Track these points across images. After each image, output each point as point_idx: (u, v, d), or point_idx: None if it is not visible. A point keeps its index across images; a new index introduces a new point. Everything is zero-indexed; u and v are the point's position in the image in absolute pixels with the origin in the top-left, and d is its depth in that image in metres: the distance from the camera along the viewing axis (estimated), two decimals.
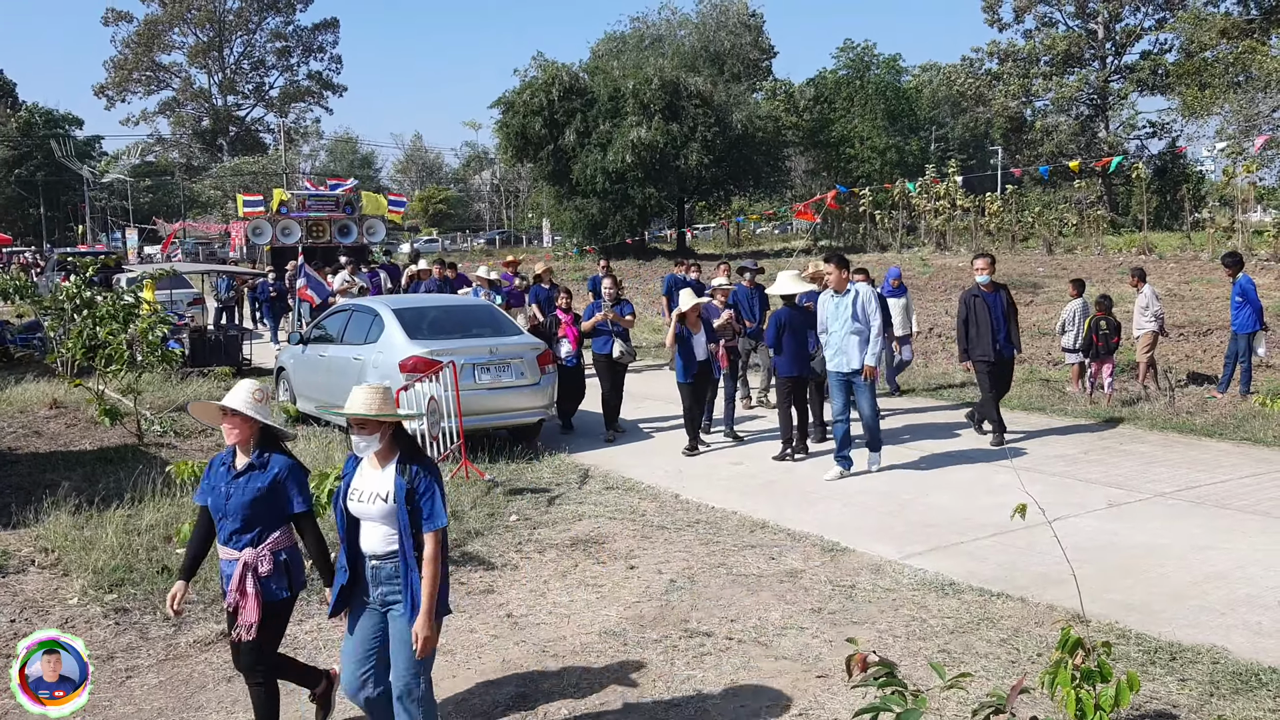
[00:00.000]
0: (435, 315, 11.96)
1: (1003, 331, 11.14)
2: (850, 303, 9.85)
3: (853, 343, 9.84)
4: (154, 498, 8.94)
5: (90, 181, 78.09)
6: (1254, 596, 6.60)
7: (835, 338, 9.98)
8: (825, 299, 10.11)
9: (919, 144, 62.97)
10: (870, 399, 10.00)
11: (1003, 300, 11.28)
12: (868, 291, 10.00)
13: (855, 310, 9.80)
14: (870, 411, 10.03)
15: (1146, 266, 21.25)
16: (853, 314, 9.79)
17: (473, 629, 6.33)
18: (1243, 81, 46.63)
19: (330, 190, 28.66)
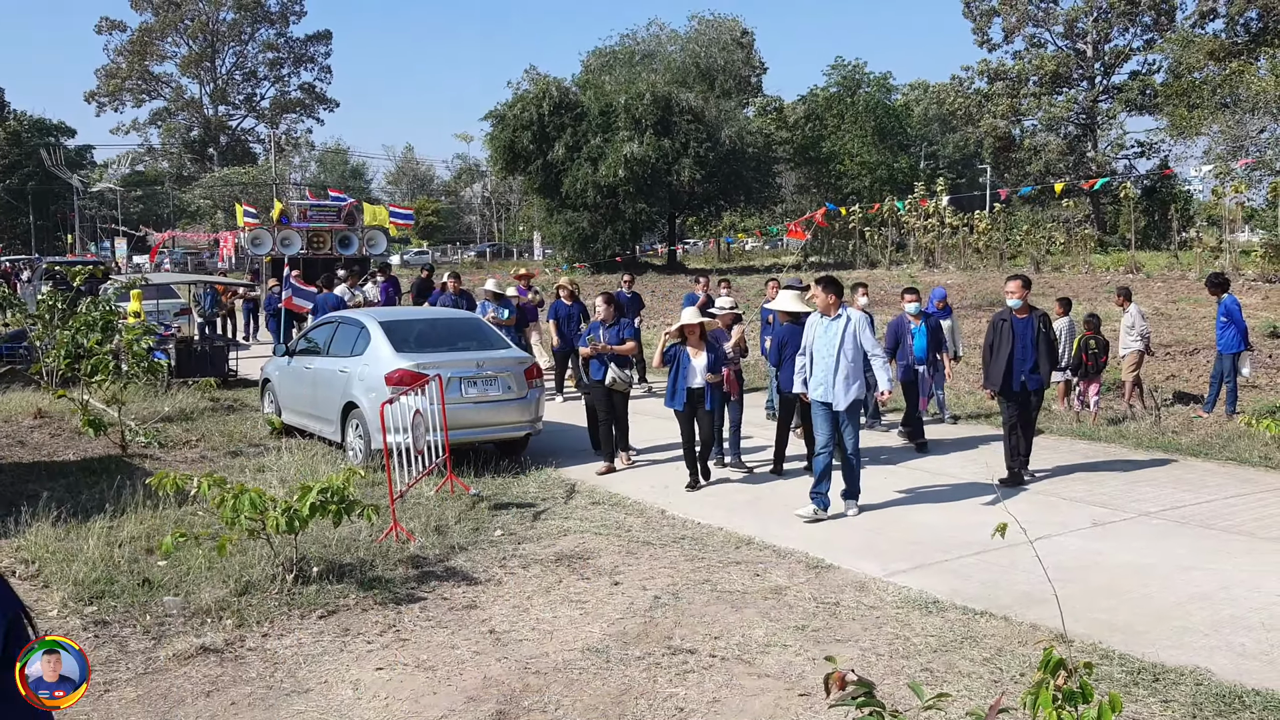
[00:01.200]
0: (422, 328, 11.94)
1: (1029, 360, 10.31)
2: (840, 330, 9.05)
3: (839, 375, 8.99)
4: (136, 509, 8.89)
5: (80, 190, 77.90)
6: (1238, 617, 6.60)
7: (819, 366, 9.18)
8: (813, 320, 9.46)
9: (909, 161, 63.27)
10: (854, 435, 9.22)
11: (1034, 327, 10.41)
12: (860, 319, 9.17)
13: (844, 338, 9.00)
14: (853, 447, 9.20)
15: (1134, 285, 21.37)
16: (840, 342, 9.00)
17: (454, 645, 6.29)
18: (1230, 103, 46.94)
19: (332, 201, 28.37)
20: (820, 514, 9.00)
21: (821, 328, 9.23)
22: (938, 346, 12.85)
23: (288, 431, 12.63)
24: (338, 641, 6.35)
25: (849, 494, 9.24)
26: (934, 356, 12.84)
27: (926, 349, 12.56)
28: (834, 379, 8.99)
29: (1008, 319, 10.56)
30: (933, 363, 12.84)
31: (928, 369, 12.73)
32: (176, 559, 7.47)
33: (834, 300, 9.20)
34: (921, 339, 12.49)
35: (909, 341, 12.41)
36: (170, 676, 5.87)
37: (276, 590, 7.09)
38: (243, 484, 7.26)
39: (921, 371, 12.57)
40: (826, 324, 9.19)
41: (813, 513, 9.01)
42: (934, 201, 43.88)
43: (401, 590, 7.20)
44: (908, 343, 12.39)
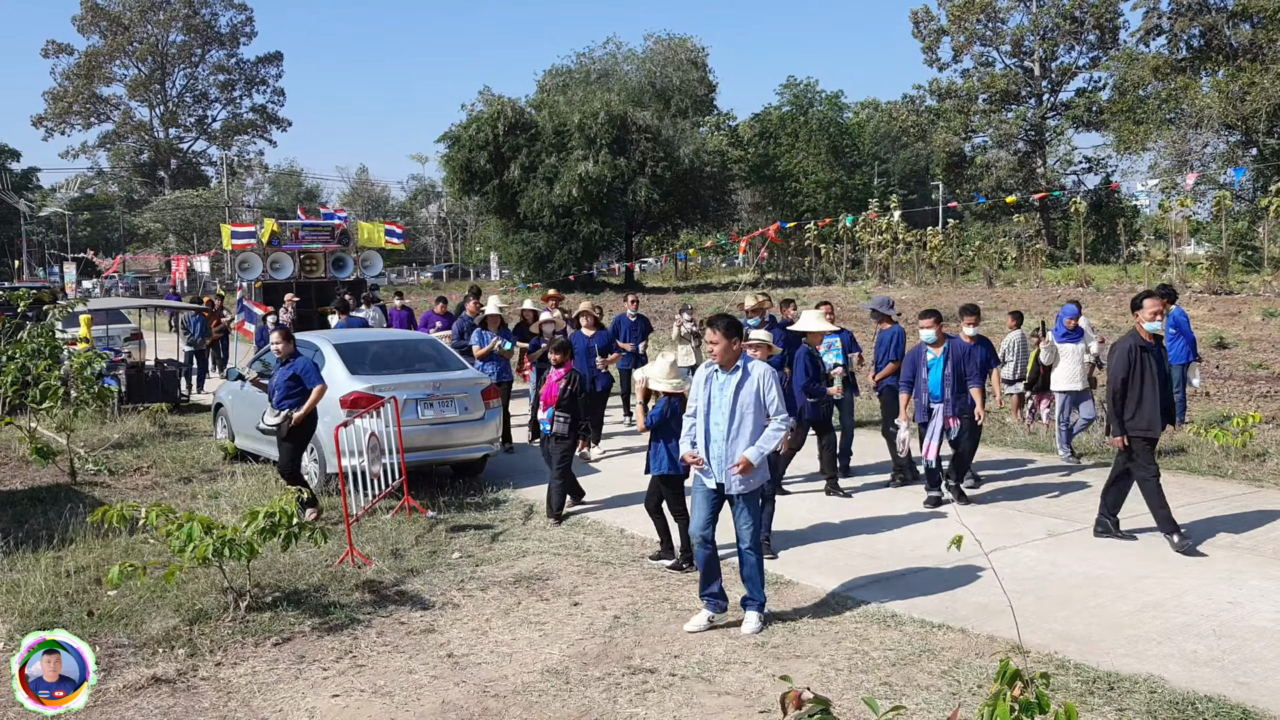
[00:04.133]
0: (377, 350, 11.85)
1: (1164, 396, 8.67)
2: (735, 385, 6.78)
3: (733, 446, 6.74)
4: (85, 539, 8.73)
5: (27, 215, 76.68)
6: (1190, 625, 6.68)
7: (715, 434, 6.80)
8: (701, 373, 7.02)
9: (862, 179, 63.89)
10: (752, 524, 6.82)
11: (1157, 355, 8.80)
12: (764, 368, 6.89)
13: (738, 397, 6.75)
14: (750, 539, 6.84)
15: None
16: (734, 401, 6.74)
17: (412, 670, 6.22)
18: (1175, 118, 47.93)
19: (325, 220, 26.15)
20: (716, 620, 6.88)
21: (716, 384, 6.88)
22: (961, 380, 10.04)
23: (241, 457, 12.46)
24: (293, 669, 6.25)
25: (750, 601, 6.91)
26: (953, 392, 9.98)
27: (941, 384, 9.96)
28: (726, 453, 6.76)
29: (1145, 347, 8.60)
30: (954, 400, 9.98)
31: (948, 407, 9.93)
32: (126, 588, 7.33)
33: (735, 347, 6.85)
34: (938, 372, 10.01)
35: (924, 375, 10.09)
36: (121, 708, 5.75)
37: (229, 618, 6.98)
38: (190, 512, 7.14)
39: (937, 412, 9.98)
40: (721, 379, 6.87)
41: (707, 621, 6.85)
42: (886, 218, 44.31)
43: (358, 615, 7.11)
44: (923, 376, 10.09)
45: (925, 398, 10.01)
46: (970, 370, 10.08)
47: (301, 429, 9.94)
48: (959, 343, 10.24)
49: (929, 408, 10.00)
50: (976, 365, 10.34)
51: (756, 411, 6.76)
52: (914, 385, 10.11)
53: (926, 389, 10.00)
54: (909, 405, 10.15)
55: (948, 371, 9.92)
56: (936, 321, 10.15)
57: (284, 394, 9.91)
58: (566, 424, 9.53)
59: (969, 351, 10.31)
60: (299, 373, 9.98)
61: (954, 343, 10.10)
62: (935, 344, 10.09)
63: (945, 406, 9.92)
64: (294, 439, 9.94)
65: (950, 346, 10.02)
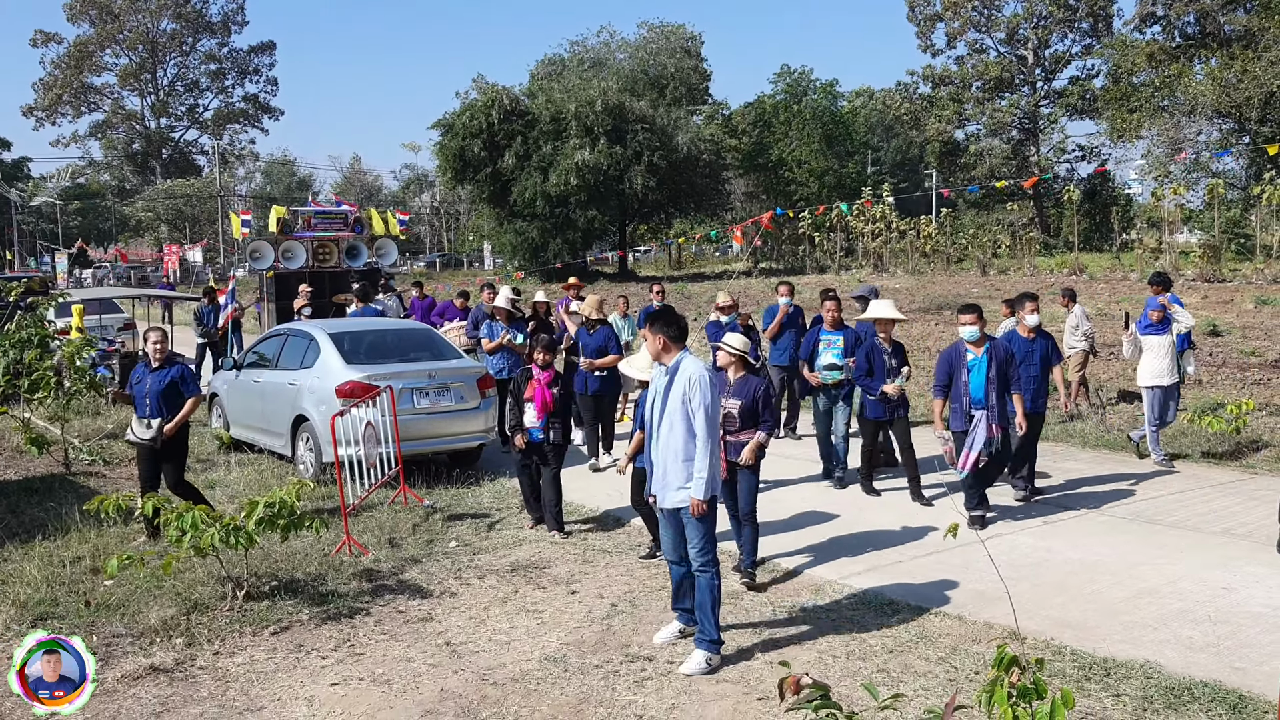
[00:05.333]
0: (372, 339, 11.83)
1: None
2: (666, 386, 6.12)
3: (664, 456, 6.12)
4: (80, 529, 8.72)
5: (18, 205, 76.38)
6: (1185, 611, 6.71)
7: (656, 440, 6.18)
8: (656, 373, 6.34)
9: (855, 167, 63.88)
10: (700, 537, 6.08)
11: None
12: (695, 370, 6.02)
13: (667, 399, 6.07)
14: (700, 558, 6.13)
15: (1077, 286, 21.69)
16: (664, 403, 6.09)
17: (410, 658, 6.23)
18: (1168, 106, 47.97)
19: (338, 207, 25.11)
20: (687, 631, 6.34)
21: (655, 384, 6.31)
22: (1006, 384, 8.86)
23: (237, 446, 12.45)
24: (291, 658, 6.26)
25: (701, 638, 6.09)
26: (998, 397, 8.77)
27: (985, 388, 8.75)
28: (662, 463, 6.14)
29: None
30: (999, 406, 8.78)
31: (989, 415, 8.71)
32: (123, 578, 7.33)
33: (663, 344, 6.15)
34: (980, 375, 8.79)
35: (964, 378, 8.85)
36: (119, 698, 5.75)
37: (227, 608, 6.98)
38: (188, 502, 7.14)
39: (979, 419, 8.72)
40: (657, 377, 6.30)
41: (677, 632, 6.41)
42: (880, 206, 44.34)
43: (356, 604, 7.12)
44: (963, 379, 8.85)
45: (966, 403, 8.78)
46: (1014, 371, 8.92)
47: (176, 444, 8.87)
48: (1002, 342, 9.21)
49: (969, 414, 8.76)
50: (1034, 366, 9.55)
51: (685, 420, 6.00)
52: (949, 389, 8.91)
53: (968, 393, 8.77)
54: (943, 412, 8.95)
55: (991, 374, 8.72)
56: (979, 317, 8.92)
57: (157, 403, 8.72)
58: (560, 431, 8.96)
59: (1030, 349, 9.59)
60: (177, 379, 8.83)
61: (996, 342, 9.00)
62: (976, 343, 8.86)
63: (990, 414, 8.68)
64: (172, 456, 8.83)
65: (992, 346, 8.86)
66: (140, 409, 8.78)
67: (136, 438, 8.83)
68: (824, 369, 10.29)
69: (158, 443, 8.68)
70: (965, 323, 8.94)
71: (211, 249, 73.01)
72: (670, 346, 6.13)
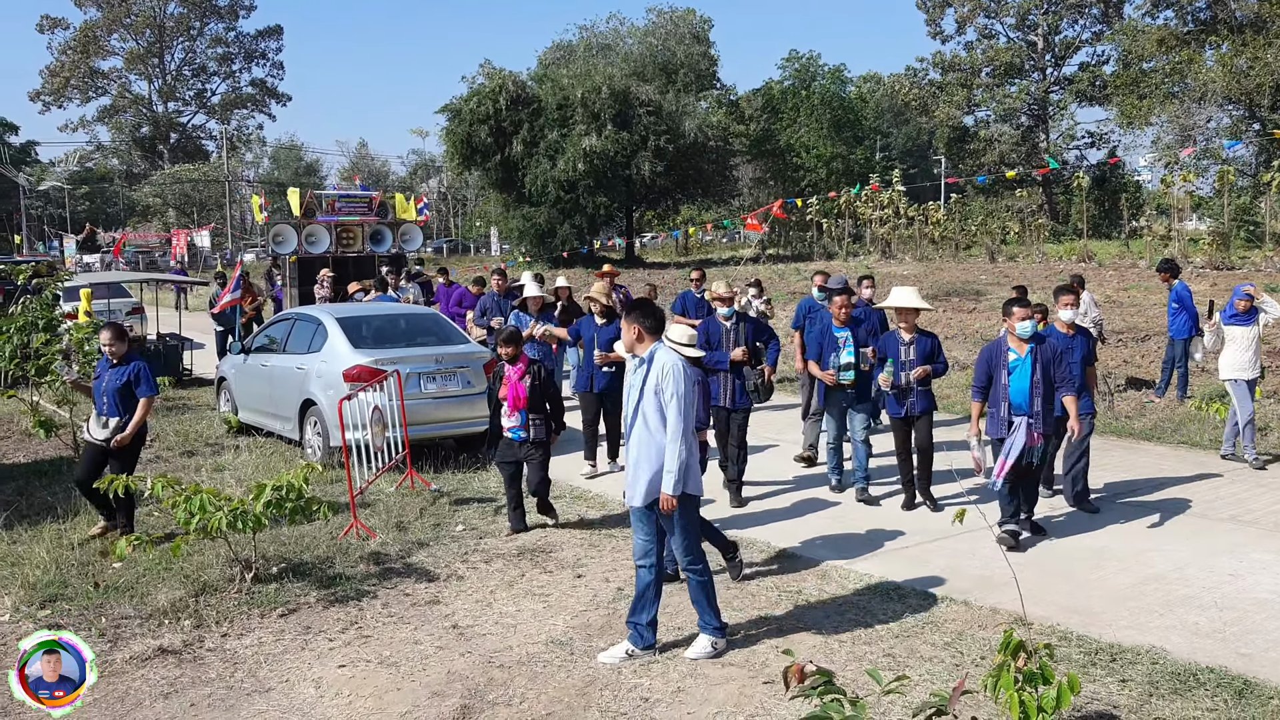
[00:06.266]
0: (380, 324, 11.85)
1: None
2: (641, 377, 5.92)
3: (636, 450, 5.93)
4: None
5: (26, 189, 76.46)
6: (1191, 597, 6.71)
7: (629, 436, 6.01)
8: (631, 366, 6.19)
9: (864, 153, 63.68)
10: (683, 534, 5.94)
11: None
12: (669, 360, 5.83)
13: (642, 391, 5.87)
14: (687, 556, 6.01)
15: (1086, 274, 21.63)
16: (639, 395, 5.89)
17: (418, 640, 6.25)
18: (1178, 92, 47.74)
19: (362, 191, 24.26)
20: (636, 652, 5.92)
21: (631, 378, 6.09)
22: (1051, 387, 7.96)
23: (245, 430, 12.49)
24: (299, 640, 6.28)
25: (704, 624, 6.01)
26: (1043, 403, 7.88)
27: (1030, 392, 7.83)
28: (634, 458, 5.95)
29: None
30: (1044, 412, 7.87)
31: (1037, 422, 7.83)
32: (131, 560, 7.37)
33: (638, 334, 5.98)
34: (1024, 378, 7.86)
35: (1004, 380, 7.96)
36: (128, 679, 5.78)
37: (234, 590, 7.01)
38: (197, 484, 7.17)
39: (1019, 425, 7.82)
40: (632, 369, 6.12)
41: (624, 654, 5.92)
42: (889, 192, 44.20)
43: (363, 587, 7.14)
44: (1002, 381, 7.96)
45: (1004, 409, 7.89)
46: (1061, 373, 7.98)
47: (132, 447, 8.38)
48: (1053, 340, 8.25)
49: (1008, 420, 7.90)
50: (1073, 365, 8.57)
51: (657, 412, 5.80)
52: (988, 392, 8.06)
53: (1006, 397, 7.88)
54: (980, 417, 8.15)
55: (1037, 377, 7.82)
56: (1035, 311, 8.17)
57: (114, 401, 8.24)
58: (541, 427, 8.37)
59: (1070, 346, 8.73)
60: (132, 378, 8.31)
61: (1043, 343, 8.02)
62: (1023, 340, 7.95)
63: (1035, 421, 7.81)
64: (120, 458, 8.24)
65: (1039, 347, 7.93)
66: (99, 406, 8.32)
67: (90, 437, 8.32)
68: (840, 369, 9.35)
69: (109, 443, 8.17)
70: (1022, 318, 7.92)
71: (219, 234, 73.07)
72: (645, 337, 5.95)
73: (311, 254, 19.57)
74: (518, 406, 8.26)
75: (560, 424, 8.66)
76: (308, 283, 19.08)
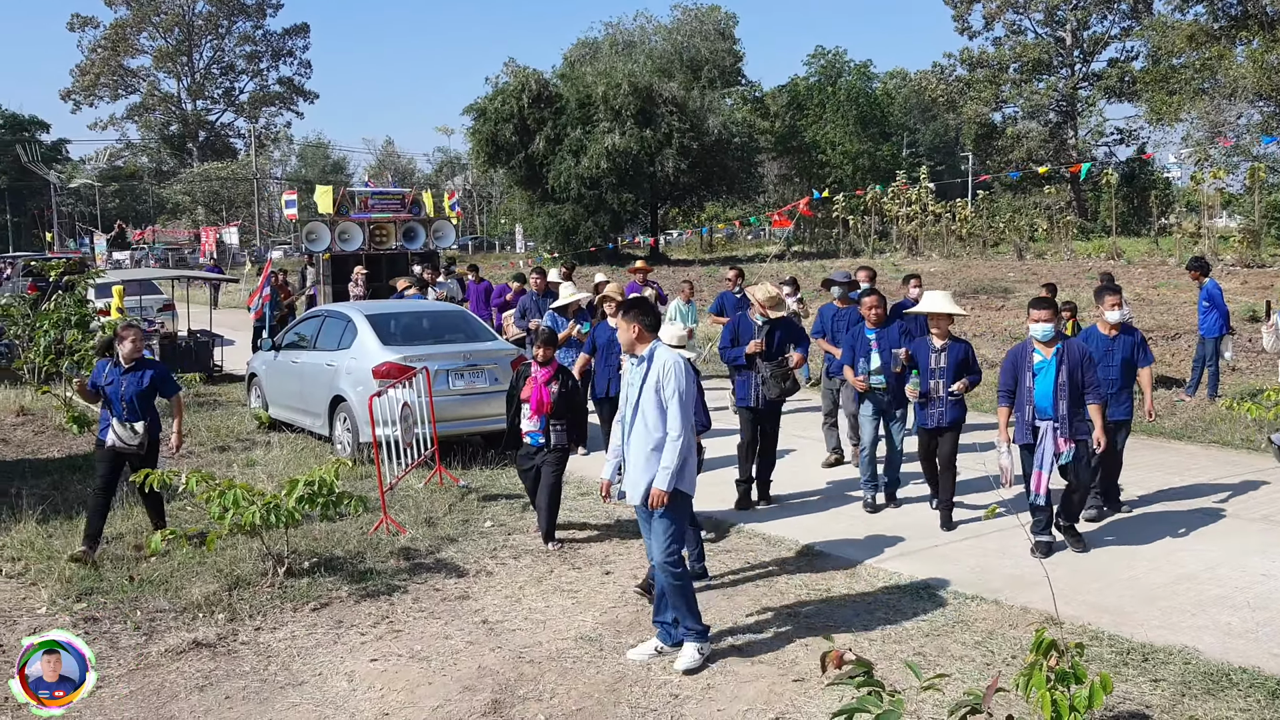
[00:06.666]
0: (408, 321, 11.93)
1: None
2: (641, 377, 5.89)
3: (634, 451, 5.90)
4: (123, 505, 8.84)
5: (57, 187, 77.22)
6: (1224, 597, 6.67)
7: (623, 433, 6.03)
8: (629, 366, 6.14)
9: (891, 149, 63.41)
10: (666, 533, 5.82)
11: None
12: (669, 357, 5.84)
13: (642, 390, 5.84)
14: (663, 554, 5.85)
15: (1115, 271, 21.48)
16: (639, 394, 5.86)
17: (448, 635, 6.30)
18: (1209, 88, 47.25)
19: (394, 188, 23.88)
20: (665, 649, 5.92)
21: (627, 376, 6.09)
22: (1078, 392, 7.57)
23: (275, 426, 12.59)
24: (331, 634, 6.34)
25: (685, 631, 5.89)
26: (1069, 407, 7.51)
27: (1054, 395, 7.52)
28: (635, 457, 5.90)
29: None
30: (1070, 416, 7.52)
31: (1062, 426, 7.50)
32: (165, 554, 7.45)
33: (638, 331, 5.93)
34: (1048, 380, 7.55)
35: (1028, 383, 7.63)
36: (163, 672, 5.85)
37: (267, 584, 7.08)
38: (230, 479, 7.24)
39: (1045, 431, 7.53)
40: (631, 370, 6.05)
41: (654, 649, 5.95)
42: (916, 189, 44.00)
43: (394, 582, 7.20)
44: (1027, 384, 7.63)
45: (1029, 412, 7.58)
46: (1091, 377, 7.61)
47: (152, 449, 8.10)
48: (1078, 342, 7.86)
49: (1033, 425, 7.60)
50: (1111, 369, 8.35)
51: (657, 409, 5.77)
52: (1015, 396, 7.71)
53: (1031, 401, 7.57)
54: (1008, 423, 7.73)
55: (1062, 380, 7.50)
56: (1055, 313, 7.73)
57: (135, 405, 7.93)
58: (563, 433, 8.15)
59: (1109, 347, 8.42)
60: (156, 379, 8.09)
61: (1070, 343, 7.70)
62: (1047, 343, 7.61)
63: (1060, 426, 7.49)
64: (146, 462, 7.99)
65: (1065, 347, 7.59)
66: (117, 411, 7.92)
67: (122, 443, 7.89)
68: (871, 373, 8.87)
69: (144, 447, 7.94)
70: (1037, 319, 7.59)
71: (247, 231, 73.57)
72: (645, 336, 5.92)
73: (345, 251, 19.48)
74: (540, 411, 8.02)
75: (582, 436, 8.55)
76: (341, 280, 19.07)
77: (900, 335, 9.00)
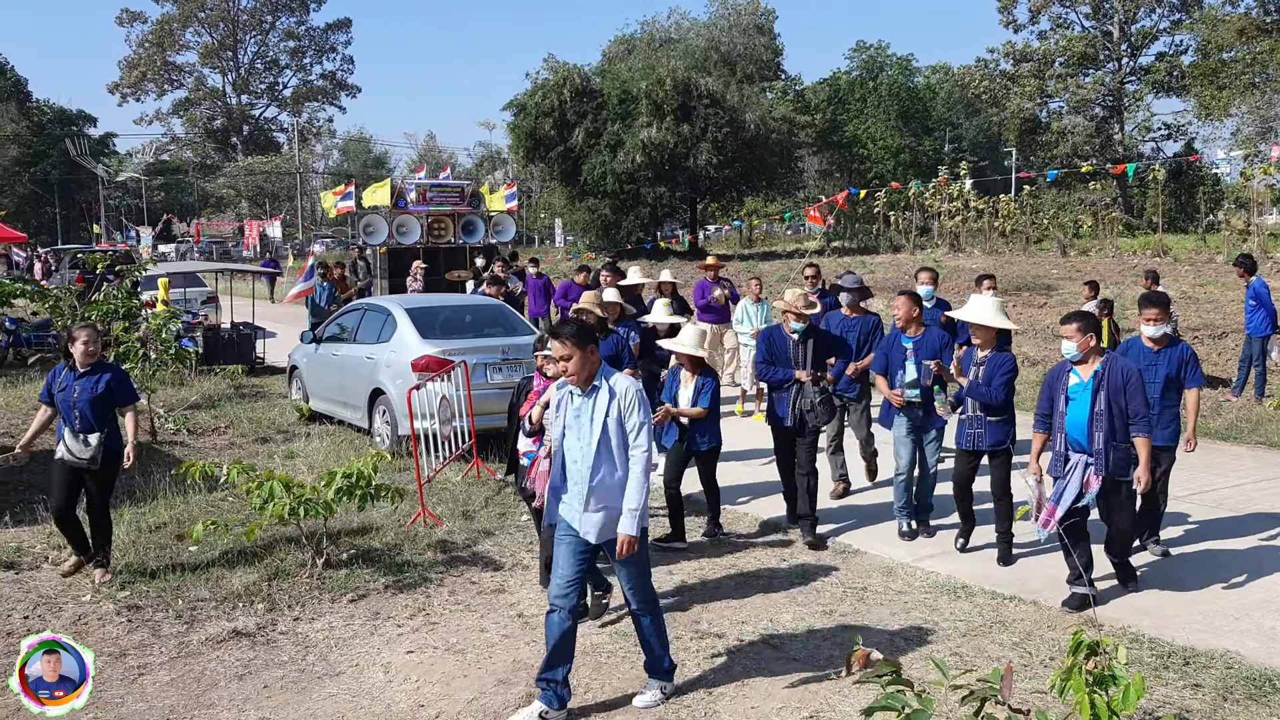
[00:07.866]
0: (447, 315, 12.00)
1: None
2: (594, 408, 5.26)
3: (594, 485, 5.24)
4: (166, 495, 8.98)
5: (104, 180, 78.37)
6: (1267, 601, 6.57)
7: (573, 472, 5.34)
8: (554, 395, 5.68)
9: (933, 145, 62.83)
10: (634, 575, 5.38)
11: None
12: (633, 387, 5.28)
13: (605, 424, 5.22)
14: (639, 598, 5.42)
15: (1160, 269, 21.16)
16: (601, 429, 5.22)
17: (484, 628, 6.34)
18: (1260, 83, 46.42)
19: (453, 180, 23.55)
20: (549, 714, 5.19)
21: (572, 409, 5.38)
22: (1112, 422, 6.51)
23: (315, 418, 12.71)
24: (368, 625, 6.41)
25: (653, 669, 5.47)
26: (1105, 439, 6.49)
27: (1089, 425, 6.53)
28: (586, 493, 5.24)
29: None
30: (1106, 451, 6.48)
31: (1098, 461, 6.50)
32: (206, 544, 7.55)
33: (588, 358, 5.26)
34: (1083, 407, 6.58)
35: (1062, 408, 6.69)
36: (203, 660, 5.94)
37: (306, 575, 7.16)
38: (270, 470, 7.33)
39: (1076, 464, 6.59)
40: (579, 402, 5.35)
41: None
42: (957, 184, 43.59)
43: (430, 574, 7.25)
44: (1060, 410, 6.69)
45: (1060, 441, 6.68)
46: (1139, 404, 6.48)
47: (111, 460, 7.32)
48: (1123, 362, 6.70)
49: (1064, 455, 6.67)
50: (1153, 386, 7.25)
51: (620, 446, 5.24)
52: (1051, 422, 6.80)
53: (1063, 429, 6.67)
54: (1042, 450, 6.86)
55: (1099, 408, 6.50)
56: (1084, 329, 6.59)
57: (89, 414, 7.18)
58: None
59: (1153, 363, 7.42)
60: (112, 384, 7.33)
61: (1113, 363, 6.61)
62: (1082, 363, 6.67)
63: (1096, 461, 6.51)
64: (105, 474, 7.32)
65: (1107, 370, 6.54)
66: (69, 421, 7.19)
67: (73, 457, 7.14)
68: (907, 386, 8.03)
69: (97, 462, 7.17)
70: (1064, 335, 6.65)
71: (290, 224, 74.30)
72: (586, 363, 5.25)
73: (402, 245, 19.21)
74: None
75: None
76: (399, 274, 18.68)
77: (941, 345, 8.04)
